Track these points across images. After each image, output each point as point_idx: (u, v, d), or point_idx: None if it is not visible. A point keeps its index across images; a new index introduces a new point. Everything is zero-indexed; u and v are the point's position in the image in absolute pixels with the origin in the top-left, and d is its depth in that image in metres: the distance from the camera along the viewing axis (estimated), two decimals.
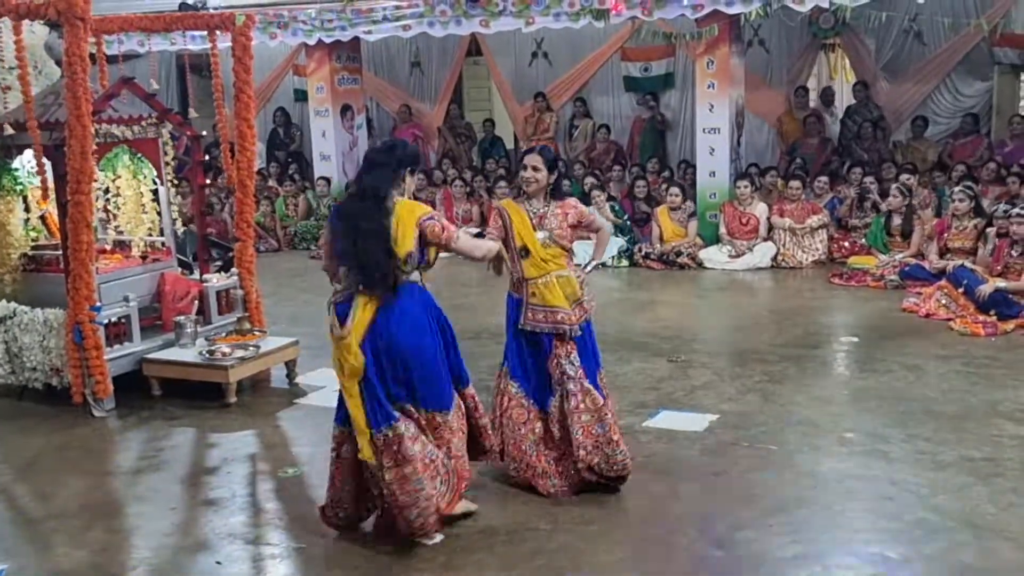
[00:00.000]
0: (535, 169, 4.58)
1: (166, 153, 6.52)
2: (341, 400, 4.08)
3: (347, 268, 3.98)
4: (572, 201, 4.72)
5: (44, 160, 5.74)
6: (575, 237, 4.72)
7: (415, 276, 4.02)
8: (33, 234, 6.47)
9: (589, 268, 4.81)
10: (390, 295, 3.92)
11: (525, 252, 4.52)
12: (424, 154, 13.15)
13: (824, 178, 10.38)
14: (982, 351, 6.56)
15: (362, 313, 3.92)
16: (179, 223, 6.77)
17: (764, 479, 4.60)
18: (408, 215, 3.95)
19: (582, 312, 4.56)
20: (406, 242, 3.92)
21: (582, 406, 4.47)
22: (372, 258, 3.88)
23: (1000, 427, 5.13)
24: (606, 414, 4.49)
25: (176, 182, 6.73)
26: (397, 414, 3.91)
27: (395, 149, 4.08)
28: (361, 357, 3.90)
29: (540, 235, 4.53)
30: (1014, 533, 3.96)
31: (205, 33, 6.82)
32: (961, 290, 7.47)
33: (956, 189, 8.63)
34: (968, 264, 7.79)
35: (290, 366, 6.40)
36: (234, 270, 6.76)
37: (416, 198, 4.20)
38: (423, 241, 3.98)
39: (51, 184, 5.82)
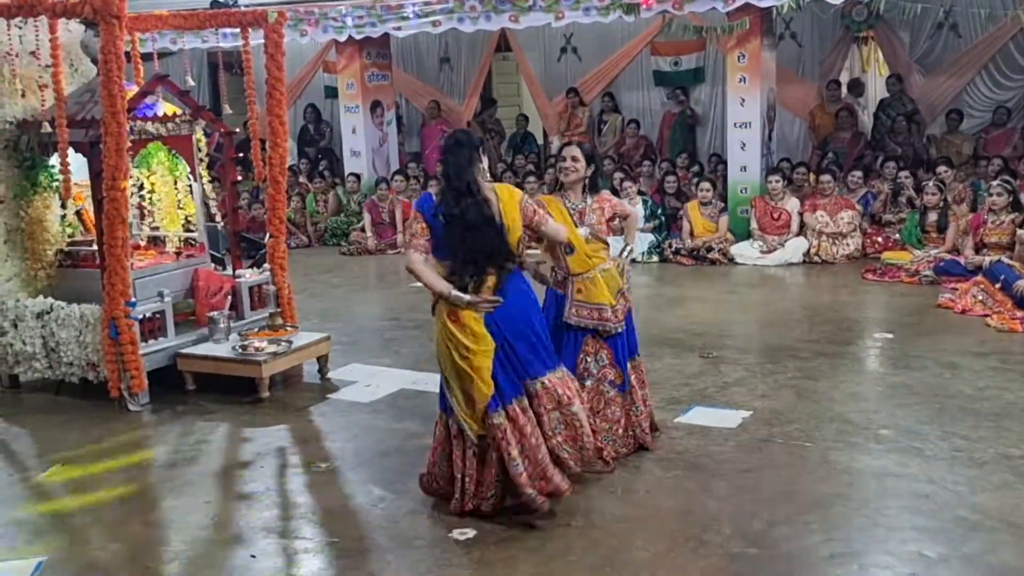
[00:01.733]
0: (575, 160, 4.75)
1: (199, 150, 6.57)
2: (442, 388, 4.21)
3: (461, 262, 4.03)
4: (606, 195, 4.92)
5: (69, 159, 5.78)
6: (612, 230, 4.92)
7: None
8: (69, 230, 6.55)
9: (626, 254, 4.96)
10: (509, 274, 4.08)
11: (570, 248, 4.65)
12: None
13: (858, 173, 10.27)
14: (1019, 347, 6.47)
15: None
16: (218, 216, 6.83)
17: (799, 476, 4.56)
18: (510, 199, 4.07)
19: (625, 303, 4.80)
20: (516, 227, 4.05)
21: (609, 401, 4.78)
22: (490, 247, 4.00)
23: None
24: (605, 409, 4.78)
25: (209, 179, 6.78)
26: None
27: (460, 140, 4.10)
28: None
29: (582, 231, 4.69)
30: None
31: (237, 30, 6.87)
32: (998, 285, 7.37)
33: (994, 183, 8.49)
34: (1005, 259, 7.68)
35: (322, 361, 6.43)
36: (266, 266, 6.80)
37: None
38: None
39: (87, 181, 5.89)
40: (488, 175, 4.17)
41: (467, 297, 3.99)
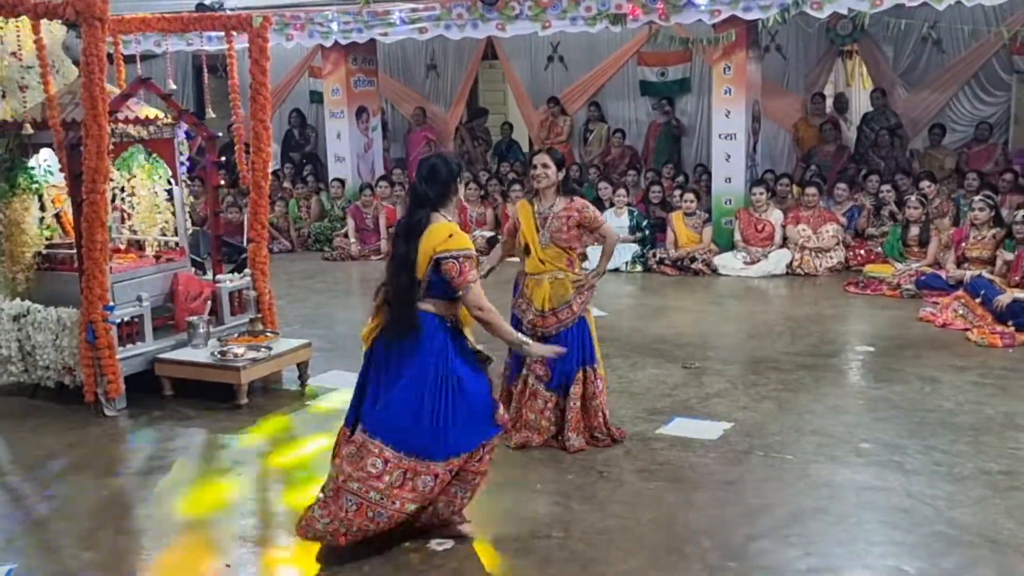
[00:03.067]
0: (544, 166, 4.97)
1: (181, 153, 6.52)
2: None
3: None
4: (580, 202, 5.00)
5: (48, 161, 5.75)
6: (580, 238, 5.05)
7: (430, 307, 3.86)
8: (47, 233, 6.47)
9: (592, 277, 5.08)
10: (410, 331, 3.81)
11: (527, 250, 4.97)
12: None
13: (843, 185, 10.32)
14: (999, 362, 6.49)
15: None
16: (188, 223, 6.76)
17: (779, 489, 4.55)
18: (427, 244, 3.79)
19: (570, 315, 4.96)
20: (421, 266, 3.81)
21: (534, 394, 5.05)
22: (398, 290, 3.83)
23: (1018, 440, 5.07)
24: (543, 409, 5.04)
25: (189, 182, 6.72)
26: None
27: (439, 170, 3.88)
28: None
29: (541, 235, 4.93)
30: None
31: (222, 34, 6.83)
32: (978, 300, 7.40)
33: (976, 199, 8.53)
34: (986, 274, 7.72)
35: (302, 368, 6.38)
36: (247, 271, 6.75)
37: None
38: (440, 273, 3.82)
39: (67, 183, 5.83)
40: (458, 199, 3.98)
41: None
